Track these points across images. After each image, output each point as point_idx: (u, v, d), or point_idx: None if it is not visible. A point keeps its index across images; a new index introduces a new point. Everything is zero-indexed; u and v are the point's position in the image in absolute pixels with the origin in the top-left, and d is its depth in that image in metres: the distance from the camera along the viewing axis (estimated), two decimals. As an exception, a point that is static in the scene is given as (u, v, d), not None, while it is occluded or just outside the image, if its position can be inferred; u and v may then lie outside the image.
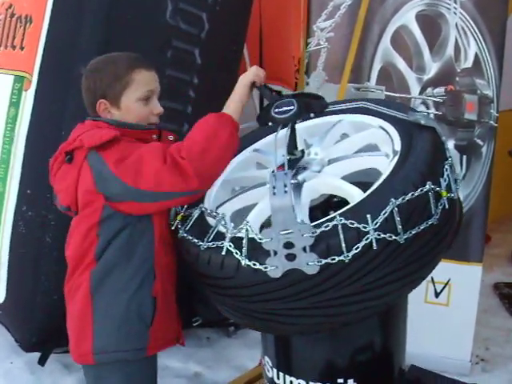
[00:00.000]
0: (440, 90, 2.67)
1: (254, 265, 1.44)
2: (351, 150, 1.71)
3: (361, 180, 1.71)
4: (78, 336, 1.74)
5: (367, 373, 1.76)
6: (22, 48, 2.69)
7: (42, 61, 2.60)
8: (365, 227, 1.38)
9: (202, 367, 2.96)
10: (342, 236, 1.38)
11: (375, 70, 2.74)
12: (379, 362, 1.80)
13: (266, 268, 1.43)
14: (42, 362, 2.57)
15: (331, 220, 1.40)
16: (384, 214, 1.38)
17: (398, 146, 1.59)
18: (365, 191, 1.51)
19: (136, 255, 1.68)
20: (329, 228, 1.39)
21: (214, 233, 1.55)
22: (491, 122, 2.62)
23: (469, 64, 2.63)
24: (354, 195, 1.52)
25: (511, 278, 3.74)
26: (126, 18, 2.55)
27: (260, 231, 1.60)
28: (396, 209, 1.39)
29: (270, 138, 1.81)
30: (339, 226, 1.38)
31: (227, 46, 2.89)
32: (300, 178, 1.63)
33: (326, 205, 1.77)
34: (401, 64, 2.71)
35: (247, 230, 1.45)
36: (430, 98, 2.68)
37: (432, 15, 2.65)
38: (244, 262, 1.45)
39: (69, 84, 2.53)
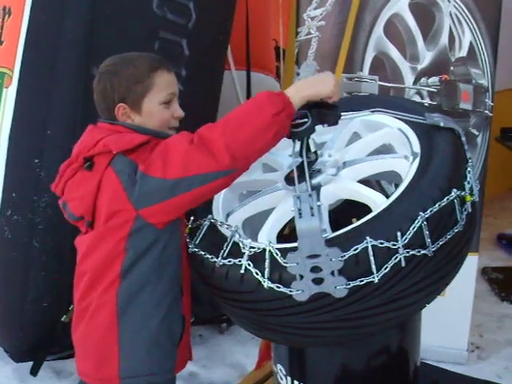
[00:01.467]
0: (434, 79, 2.63)
1: (278, 287, 1.37)
2: (366, 151, 1.66)
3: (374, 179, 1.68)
4: (99, 359, 1.62)
5: (383, 378, 1.73)
6: (0, 42, 2.55)
7: (24, 55, 2.46)
8: (394, 245, 1.33)
9: (196, 367, 2.91)
10: (372, 258, 1.33)
11: (368, 60, 2.67)
12: (396, 366, 1.77)
13: (291, 291, 1.37)
14: (34, 372, 2.47)
15: (359, 238, 1.33)
16: (413, 229, 1.34)
17: (416, 148, 1.54)
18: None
19: (167, 272, 1.57)
20: (358, 251, 1.33)
21: (229, 247, 1.46)
22: (486, 111, 2.59)
23: (463, 53, 2.59)
24: (377, 201, 1.46)
25: (498, 262, 3.77)
26: (110, 8, 2.44)
27: (277, 240, 1.54)
28: (425, 222, 1.34)
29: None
30: (369, 248, 1.33)
31: (215, 36, 2.80)
32: (316, 181, 1.56)
33: (343, 207, 1.71)
34: (394, 53, 2.65)
35: (270, 252, 1.38)
36: (424, 87, 2.64)
37: (425, 3, 2.60)
38: (266, 284, 1.38)
39: (53, 80, 2.42)
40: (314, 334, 1.49)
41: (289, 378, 1.75)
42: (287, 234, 1.68)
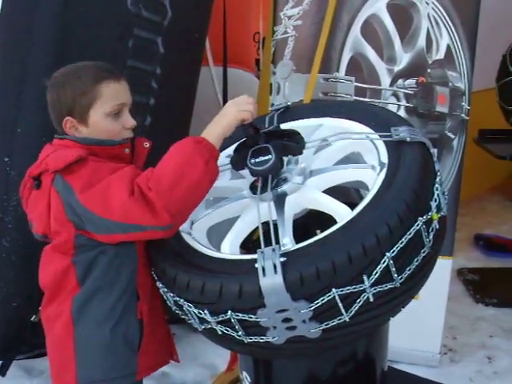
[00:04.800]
0: (411, 81, 2.61)
1: (256, 339, 1.40)
2: (334, 159, 1.63)
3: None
4: (59, 366, 1.65)
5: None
6: (-30, 39, 2.49)
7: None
8: (361, 287, 1.33)
9: (168, 366, 2.81)
10: (340, 304, 1.33)
11: (345, 61, 2.65)
12: (363, 373, 1.76)
13: (268, 339, 1.39)
14: (2, 372, 2.45)
15: (326, 292, 1.32)
16: (380, 269, 1.33)
17: (384, 158, 1.52)
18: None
19: (119, 278, 1.58)
20: (325, 301, 1.32)
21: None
22: (463, 114, 2.58)
23: (441, 55, 2.57)
24: (341, 213, 1.44)
25: (474, 263, 3.78)
26: (83, 5, 2.38)
27: (242, 247, 1.53)
28: (391, 261, 1.33)
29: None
30: (336, 297, 1.32)
31: (191, 33, 2.77)
32: (281, 190, 1.54)
33: (308, 218, 1.69)
34: (371, 54, 2.63)
35: (235, 319, 1.38)
36: (400, 89, 2.62)
37: (404, 5, 2.57)
38: (246, 340, 1.41)
39: (24, 77, 2.37)
40: (284, 354, 1.49)
41: (254, 387, 1.74)
42: (254, 240, 1.67)
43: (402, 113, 2.59)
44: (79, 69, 1.64)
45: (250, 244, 1.63)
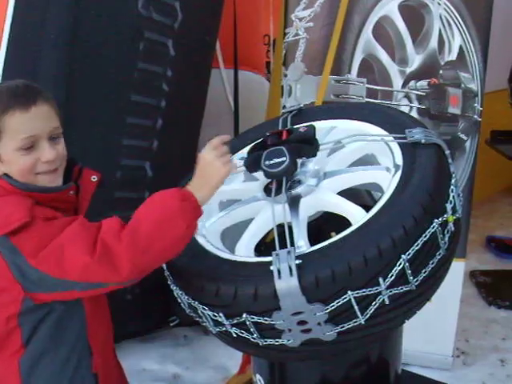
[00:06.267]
0: (423, 83, 2.60)
1: (271, 342, 1.39)
2: (348, 162, 1.62)
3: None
4: None
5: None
6: (-17, 42, 2.50)
7: (6, 53, 2.41)
8: (377, 289, 1.32)
9: (180, 368, 2.89)
10: (356, 307, 1.32)
11: (356, 62, 2.64)
12: (376, 376, 1.75)
13: (283, 342, 1.38)
14: None
15: (341, 294, 1.31)
16: (395, 271, 1.32)
17: (399, 160, 1.51)
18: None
19: (67, 336, 1.47)
20: (341, 303, 1.31)
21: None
22: (475, 116, 2.57)
23: (453, 57, 2.57)
24: (356, 215, 1.43)
25: (486, 265, 3.76)
26: (94, 9, 2.39)
27: (255, 250, 1.52)
28: (407, 264, 1.32)
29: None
30: (352, 300, 1.31)
31: (201, 36, 2.77)
32: (295, 192, 1.54)
33: (322, 220, 1.68)
34: (383, 56, 2.62)
35: (250, 321, 1.37)
36: (412, 91, 2.61)
37: (415, 6, 2.57)
38: (260, 342, 1.40)
39: (36, 80, 2.38)
40: (298, 356, 1.48)
41: (268, 389, 1.74)
42: (268, 242, 1.66)
43: (414, 114, 2.58)
44: None
45: (262, 247, 1.63)
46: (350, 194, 1.61)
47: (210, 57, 2.91)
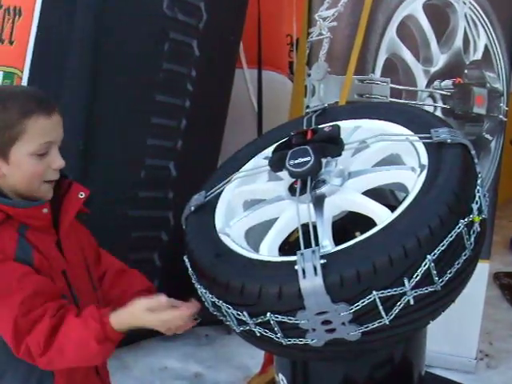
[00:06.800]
0: (448, 82, 2.59)
1: (295, 341, 1.38)
2: (373, 161, 1.62)
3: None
4: None
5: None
6: (11, 42, 2.54)
7: (33, 55, 2.46)
8: (402, 290, 1.30)
9: (202, 367, 2.91)
10: (380, 307, 1.31)
11: (380, 62, 2.64)
12: (400, 377, 1.74)
13: (307, 341, 1.37)
14: None
15: (366, 294, 1.30)
16: (421, 272, 1.30)
17: (424, 160, 1.50)
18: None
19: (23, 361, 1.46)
20: (366, 303, 1.30)
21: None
22: (500, 116, 2.55)
23: (478, 56, 2.55)
24: (381, 215, 1.43)
25: (510, 267, 3.72)
26: (120, 9, 2.42)
27: (280, 250, 1.52)
28: (432, 264, 1.31)
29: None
30: (377, 300, 1.30)
31: (225, 36, 2.79)
32: (320, 192, 1.53)
33: (347, 220, 1.68)
34: (407, 55, 2.61)
35: (274, 320, 1.36)
36: (437, 91, 2.60)
37: (440, 5, 2.55)
38: (284, 342, 1.39)
39: (62, 79, 2.41)
40: (322, 356, 1.47)
41: (291, 389, 1.73)
42: (290, 242, 1.66)
43: (438, 114, 2.56)
44: (6, 97, 1.43)
45: (285, 246, 1.63)
46: (373, 193, 1.60)
47: (233, 57, 2.93)
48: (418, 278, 1.31)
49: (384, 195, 1.84)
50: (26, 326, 1.39)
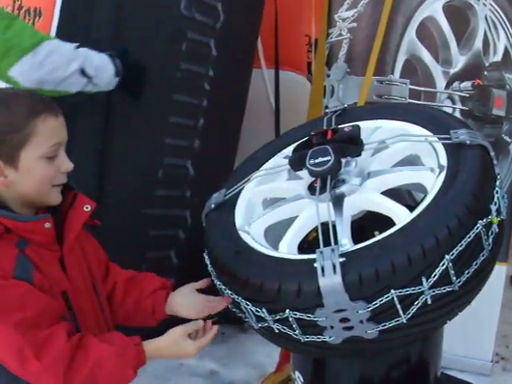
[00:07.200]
0: (467, 84, 2.58)
1: (313, 339, 1.40)
2: (392, 162, 1.63)
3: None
4: None
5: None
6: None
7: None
8: (420, 289, 1.32)
9: (217, 365, 2.92)
10: (398, 306, 1.33)
11: (399, 63, 2.64)
12: (416, 377, 1.74)
13: (325, 338, 1.39)
14: None
15: (384, 292, 1.32)
16: (439, 271, 1.32)
17: (443, 160, 1.51)
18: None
19: None
20: (384, 302, 1.32)
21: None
22: (520, 117, 2.54)
23: (498, 58, 2.54)
24: (400, 215, 1.44)
25: (527, 270, 3.69)
26: (138, 10, 2.44)
27: (299, 249, 1.54)
28: (450, 264, 1.32)
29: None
30: (395, 298, 1.32)
31: (243, 36, 2.80)
32: (340, 191, 1.55)
33: (365, 219, 1.69)
34: (426, 57, 2.61)
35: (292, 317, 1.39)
36: (456, 92, 2.59)
37: (460, 6, 2.55)
38: (302, 339, 1.42)
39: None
40: (339, 354, 1.50)
41: (307, 387, 1.75)
42: (309, 241, 1.67)
43: (457, 116, 2.56)
44: (9, 97, 1.38)
45: (304, 245, 1.64)
46: (391, 194, 1.61)
47: (251, 56, 2.93)
48: (436, 277, 1.32)
49: (401, 195, 1.85)
50: (33, 350, 1.30)
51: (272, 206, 1.65)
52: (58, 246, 1.44)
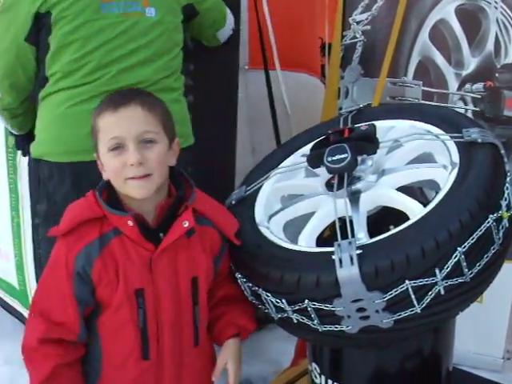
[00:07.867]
0: (479, 85, 2.62)
1: (330, 328, 1.47)
2: (406, 159, 1.69)
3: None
4: None
5: (416, 380, 1.76)
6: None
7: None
8: (433, 280, 1.39)
9: (233, 360, 2.96)
10: (413, 296, 1.39)
11: (412, 65, 2.69)
12: (428, 369, 1.80)
13: (342, 328, 1.46)
14: None
15: (399, 283, 1.38)
16: (451, 263, 1.38)
17: (456, 158, 1.57)
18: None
19: None
20: (399, 292, 1.39)
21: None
22: (531, 119, 2.58)
23: (509, 60, 2.58)
24: (414, 210, 1.50)
25: (539, 269, 3.71)
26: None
27: (317, 243, 1.60)
28: (463, 256, 1.38)
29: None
30: (409, 289, 1.38)
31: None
32: (356, 188, 1.61)
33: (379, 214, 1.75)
34: (439, 59, 2.66)
35: (311, 308, 1.45)
36: (468, 93, 2.64)
37: (472, 9, 2.59)
38: (320, 328, 1.48)
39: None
40: (356, 343, 1.56)
41: (323, 377, 1.81)
42: (326, 236, 1.74)
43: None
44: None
45: (321, 240, 1.70)
46: (404, 191, 1.68)
47: (235, 47, 2.79)
48: (449, 269, 1.38)
49: (413, 192, 1.92)
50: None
51: (291, 202, 1.72)
52: (151, 246, 1.52)
